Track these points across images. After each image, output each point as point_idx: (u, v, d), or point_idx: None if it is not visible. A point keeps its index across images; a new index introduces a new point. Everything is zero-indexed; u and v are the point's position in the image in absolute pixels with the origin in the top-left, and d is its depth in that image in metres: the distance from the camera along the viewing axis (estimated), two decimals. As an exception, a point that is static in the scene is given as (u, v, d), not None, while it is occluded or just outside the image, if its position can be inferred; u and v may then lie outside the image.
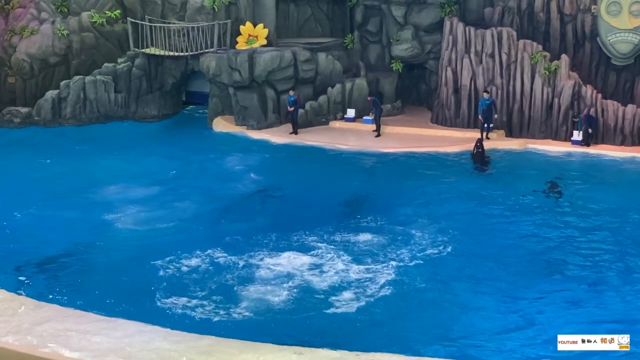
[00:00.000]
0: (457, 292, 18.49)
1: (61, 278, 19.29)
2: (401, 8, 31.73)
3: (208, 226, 22.39)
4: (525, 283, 18.85)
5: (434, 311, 17.69)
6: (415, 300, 18.16)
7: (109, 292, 18.42)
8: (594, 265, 19.77)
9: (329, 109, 31.40)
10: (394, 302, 17.98)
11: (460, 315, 17.43)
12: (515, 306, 17.83)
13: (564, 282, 18.92)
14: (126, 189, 25.01)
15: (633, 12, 28.92)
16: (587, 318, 17.28)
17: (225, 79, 30.83)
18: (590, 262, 19.90)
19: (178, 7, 33.01)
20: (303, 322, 17.19)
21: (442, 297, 18.29)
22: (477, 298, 18.22)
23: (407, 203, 23.95)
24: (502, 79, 29.86)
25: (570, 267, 19.69)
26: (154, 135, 31.13)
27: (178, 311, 17.51)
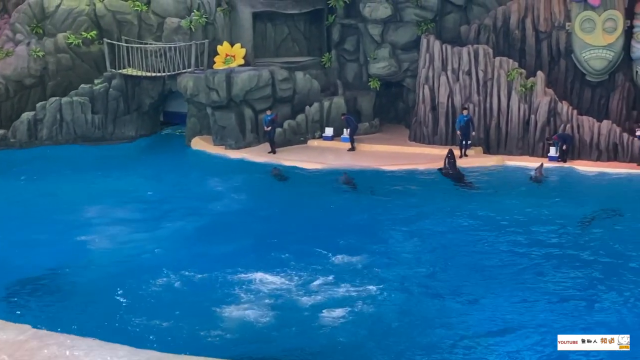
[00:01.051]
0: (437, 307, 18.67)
1: (34, 300, 19.16)
2: (378, 26, 31.80)
3: (186, 246, 22.38)
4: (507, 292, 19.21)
5: (418, 326, 17.76)
6: (397, 316, 18.25)
7: (84, 313, 18.39)
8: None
9: (307, 128, 31.48)
10: (376, 319, 18.03)
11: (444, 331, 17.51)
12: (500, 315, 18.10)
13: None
14: (104, 210, 24.96)
15: (607, 29, 29.06)
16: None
17: (203, 99, 30.84)
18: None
19: (155, 27, 33.07)
20: (281, 341, 17.22)
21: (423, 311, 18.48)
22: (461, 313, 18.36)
23: (385, 220, 24.11)
24: (479, 96, 30.01)
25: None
26: (132, 156, 31.08)
27: (152, 331, 17.49)
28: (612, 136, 28.54)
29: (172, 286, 19.79)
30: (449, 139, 30.31)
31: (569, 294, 19.07)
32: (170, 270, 20.54)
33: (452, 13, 31.94)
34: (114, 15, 33.05)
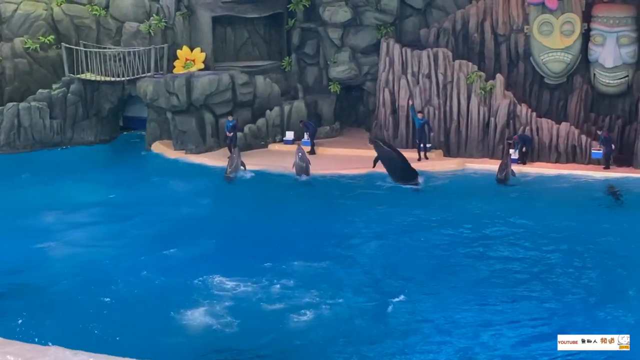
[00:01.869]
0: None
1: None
2: (338, 30, 31.92)
3: (147, 251, 22.23)
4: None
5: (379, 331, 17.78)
6: (362, 320, 18.26)
7: (43, 319, 18.15)
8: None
9: (267, 132, 31.52)
10: (339, 324, 18.01)
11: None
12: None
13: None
14: (63, 215, 24.78)
15: (564, 32, 29.23)
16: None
17: (162, 104, 30.81)
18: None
19: (114, 31, 33.00)
20: (245, 344, 17.21)
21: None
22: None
23: (344, 225, 24.15)
24: (439, 99, 30.09)
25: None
26: (92, 161, 30.85)
27: (113, 337, 17.35)
28: (570, 138, 28.77)
29: (133, 292, 19.63)
30: (410, 142, 30.38)
31: (521, 294, 19.32)
32: (131, 275, 20.44)
33: (411, 16, 32.10)
34: (72, 19, 32.92)
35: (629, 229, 23.22)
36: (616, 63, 28.82)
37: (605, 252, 21.70)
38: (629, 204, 25.35)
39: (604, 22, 28.79)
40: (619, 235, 22.71)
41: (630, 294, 19.06)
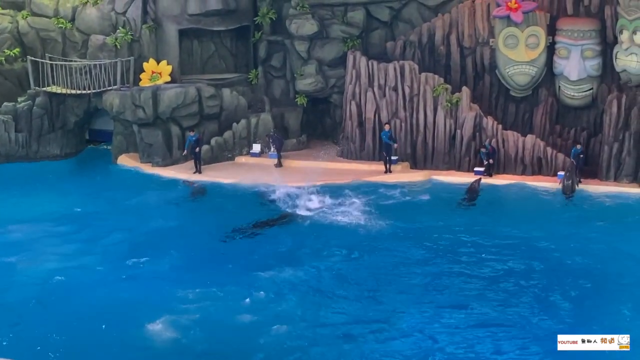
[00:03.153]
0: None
1: None
2: (304, 43, 31.97)
3: (113, 262, 22.42)
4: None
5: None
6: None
7: (11, 334, 18.33)
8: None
9: (234, 145, 31.56)
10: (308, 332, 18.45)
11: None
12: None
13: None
14: (29, 229, 24.75)
15: (529, 45, 29.35)
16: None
17: (129, 116, 30.77)
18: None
19: (79, 44, 33.02)
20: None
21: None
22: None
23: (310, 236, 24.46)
24: (406, 111, 30.18)
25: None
26: (57, 174, 30.69)
27: (82, 349, 17.61)
28: (536, 150, 28.94)
29: (99, 304, 19.75)
30: (376, 155, 30.51)
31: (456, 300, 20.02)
32: (98, 287, 20.63)
33: (377, 29, 32.12)
34: (37, 32, 32.98)
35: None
36: (581, 76, 28.98)
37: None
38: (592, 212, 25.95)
39: (569, 35, 28.93)
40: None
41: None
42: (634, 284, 20.76)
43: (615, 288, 20.48)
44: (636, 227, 24.47)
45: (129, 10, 32.52)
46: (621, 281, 20.93)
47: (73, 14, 32.92)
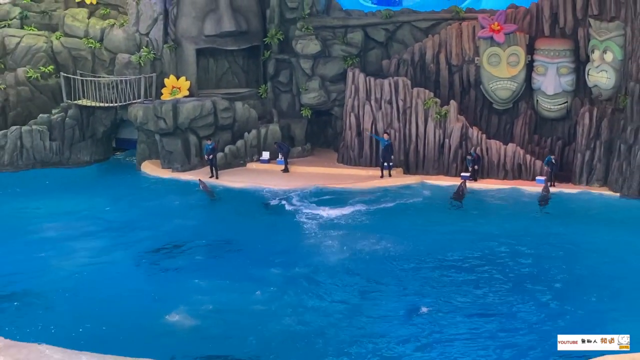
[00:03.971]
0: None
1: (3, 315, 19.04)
2: (309, 61, 31.92)
3: (138, 259, 22.52)
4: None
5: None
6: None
7: (44, 321, 18.43)
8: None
9: (246, 152, 31.46)
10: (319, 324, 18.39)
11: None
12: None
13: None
14: (61, 227, 24.84)
15: (510, 63, 29.38)
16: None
17: (151, 127, 30.78)
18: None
19: (107, 62, 33.03)
20: (229, 344, 17.44)
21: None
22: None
23: (315, 234, 24.47)
24: (399, 122, 30.11)
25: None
26: (87, 178, 30.75)
27: (111, 337, 17.61)
28: (516, 157, 28.94)
29: (124, 294, 19.90)
30: (373, 161, 30.49)
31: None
32: (123, 279, 20.80)
33: (374, 49, 32.11)
34: (69, 51, 33.00)
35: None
36: (556, 91, 29.04)
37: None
38: (566, 212, 26.01)
39: (546, 54, 29.02)
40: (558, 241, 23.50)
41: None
42: (600, 273, 20.93)
43: (585, 279, 20.59)
44: (601, 223, 24.64)
45: (152, 32, 32.50)
46: (586, 271, 21.09)
47: (101, 35, 33.03)
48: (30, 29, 33.29)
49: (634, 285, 20.00)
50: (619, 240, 23.11)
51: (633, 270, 20.96)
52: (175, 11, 32.31)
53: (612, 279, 20.50)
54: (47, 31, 33.43)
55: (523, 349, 16.55)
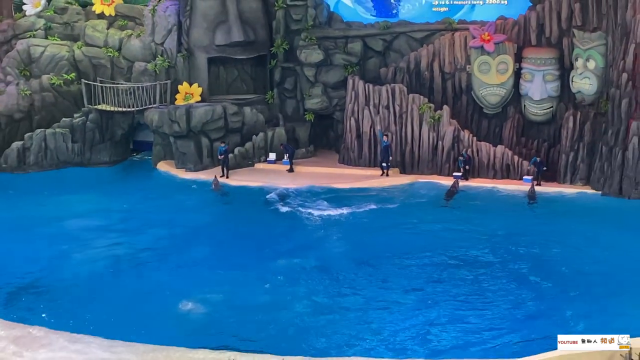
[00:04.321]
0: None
1: (31, 302, 19.40)
2: (312, 69, 32.03)
3: (155, 251, 22.73)
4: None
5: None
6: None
7: (69, 310, 18.72)
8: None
9: (254, 153, 31.63)
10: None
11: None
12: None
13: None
14: (83, 222, 25.13)
15: (499, 70, 29.54)
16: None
17: (166, 130, 31.04)
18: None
19: (125, 70, 33.15)
20: (240, 330, 17.69)
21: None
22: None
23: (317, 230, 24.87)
24: (396, 126, 30.25)
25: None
26: (107, 178, 31.02)
27: (137, 326, 17.79)
28: (505, 158, 29.18)
29: (142, 284, 20.17)
30: (372, 162, 30.66)
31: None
32: (141, 270, 21.06)
33: (373, 58, 32.15)
34: (90, 59, 33.14)
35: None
36: (542, 96, 29.16)
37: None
38: (551, 209, 26.27)
39: (533, 62, 29.13)
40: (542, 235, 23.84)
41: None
42: (581, 262, 21.39)
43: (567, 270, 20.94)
44: (583, 218, 24.92)
45: (166, 42, 32.67)
46: (569, 264, 21.31)
47: (120, 45, 33.14)
48: (54, 39, 33.43)
49: (612, 276, 20.32)
50: (599, 234, 23.38)
51: (612, 264, 21.25)
52: (188, 22, 32.36)
53: (593, 271, 20.84)
54: (69, 41, 33.49)
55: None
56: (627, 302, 18.49)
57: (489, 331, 17.40)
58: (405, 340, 17.11)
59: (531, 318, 17.95)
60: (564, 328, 16.46)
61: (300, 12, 32.75)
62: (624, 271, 20.58)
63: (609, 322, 17.03)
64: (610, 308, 18.20)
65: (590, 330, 15.48)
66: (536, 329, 17.20)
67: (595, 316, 17.61)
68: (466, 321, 17.92)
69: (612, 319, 17.38)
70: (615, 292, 19.23)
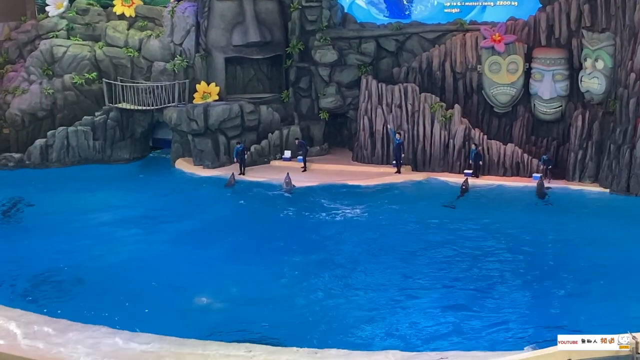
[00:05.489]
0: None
1: (51, 296, 19.51)
2: (326, 69, 32.04)
3: (176, 245, 22.84)
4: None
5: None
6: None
7: (96, 302, 18.82)
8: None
9: (269, 151, 31.65)
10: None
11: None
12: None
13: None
14: (104, 217, 25.31)
15: (510, 70, 29.44)
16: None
17: (185, 128, 31.09)
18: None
19: (145, 69, 33.26)
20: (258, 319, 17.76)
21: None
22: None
23: (335, 224, 24.87)
24: (408, 124, 30.22)
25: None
26: (127, 174, 31.14)
27: (163, 318, 17.93)
28: (515, 156, 29.07)
29: (163, 277, 20.21)
30: (384, 159, 30.60)
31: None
32: (162, 263, 21.13)
33: (386, 58, 32.11)
34: (111, 59, 33.29)
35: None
36: (552, 95, 29.02)
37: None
38: (560, 206, 26.19)
39: (542, 62, 29.02)
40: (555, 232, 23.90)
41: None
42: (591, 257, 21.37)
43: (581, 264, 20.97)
44: (593, 216, 24.88)
45: (185, 42, 32.68)
46: (578, 262, 21.29)
47: (139, 45, 33.28)
48: (76, 40, 33.61)
49: (619, 270, 20.33)
50: (606, 230, 23.32)
51: (620, 258, 21.26)
52: (206, 23, 32.40)
53: (599, 265, 20.83)
54: (90, 41, 33.66)
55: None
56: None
57: (516, 324, 17.54)
58: (437, 332, 17.31)
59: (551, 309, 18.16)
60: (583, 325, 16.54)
61: (315, 13, 32.76)
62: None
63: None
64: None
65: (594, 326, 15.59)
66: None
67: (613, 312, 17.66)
68: (496, 313, 18.10)
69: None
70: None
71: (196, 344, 16.52)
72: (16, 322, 17.37)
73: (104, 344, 16.44)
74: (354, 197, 27.32)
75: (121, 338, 16.74)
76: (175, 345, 16.42)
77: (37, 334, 16.84)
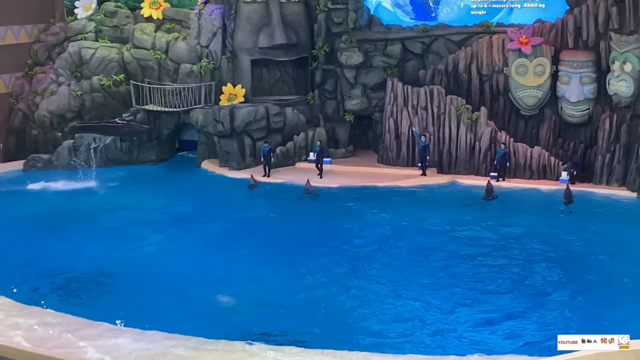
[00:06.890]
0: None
1: (81, 295, 19.49)
2: (352, 71, 31.84)
3: (202, 245, 22.76)
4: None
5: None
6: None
7: (121, 301, 18.74)
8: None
9: (295, 153, 31.46)
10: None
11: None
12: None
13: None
14: (131, 216, 25.32)
15: (537, 73, 29.11)
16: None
17: (210, 129, 31.02)
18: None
19: (172, 71, 33.23)
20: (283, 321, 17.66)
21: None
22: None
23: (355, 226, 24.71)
24: (434, 127, 29.92)
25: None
26: (154, 175, 31.02)
27: (185, 318, 17.82)
28: (541, 159, 28.72)
29: (186, 276, 20.17)
30: (410, 162, 30.41)
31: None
32: (186, 263, 21.10)
33: (411, 60, 31.84)
34: (138, 61, 33.29)
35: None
36: (579, 98, 28.68)
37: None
38: (586, 211, 25.74)
39: (570, 64, 28.68)
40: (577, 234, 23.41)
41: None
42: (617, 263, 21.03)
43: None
44: (621, 220, 24.44)
45: (211, 44, 32.68)
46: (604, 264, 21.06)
47: (167, 47, 33.23)
48: (104, 42, 33.65)
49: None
50: (634, 235, 22.89)
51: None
52: (233, 26, 32.40)
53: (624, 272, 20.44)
54: (118, 43, 33.67)
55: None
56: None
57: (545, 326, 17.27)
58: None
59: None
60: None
61: (341, 15, 32.58)
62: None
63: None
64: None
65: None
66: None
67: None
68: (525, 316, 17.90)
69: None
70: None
71: (221, 344, 16.43)
72: (39, 321, 17.50)
73: (126, 347, 16.45)
74: (379, 198, 27.15)
75: (146, 339, 16.77)
76: (201, 344, 16.39)
77: (62, 334, 16.87)
